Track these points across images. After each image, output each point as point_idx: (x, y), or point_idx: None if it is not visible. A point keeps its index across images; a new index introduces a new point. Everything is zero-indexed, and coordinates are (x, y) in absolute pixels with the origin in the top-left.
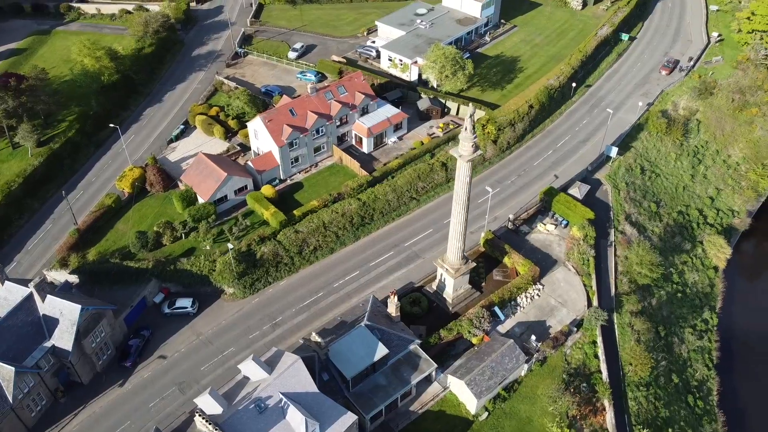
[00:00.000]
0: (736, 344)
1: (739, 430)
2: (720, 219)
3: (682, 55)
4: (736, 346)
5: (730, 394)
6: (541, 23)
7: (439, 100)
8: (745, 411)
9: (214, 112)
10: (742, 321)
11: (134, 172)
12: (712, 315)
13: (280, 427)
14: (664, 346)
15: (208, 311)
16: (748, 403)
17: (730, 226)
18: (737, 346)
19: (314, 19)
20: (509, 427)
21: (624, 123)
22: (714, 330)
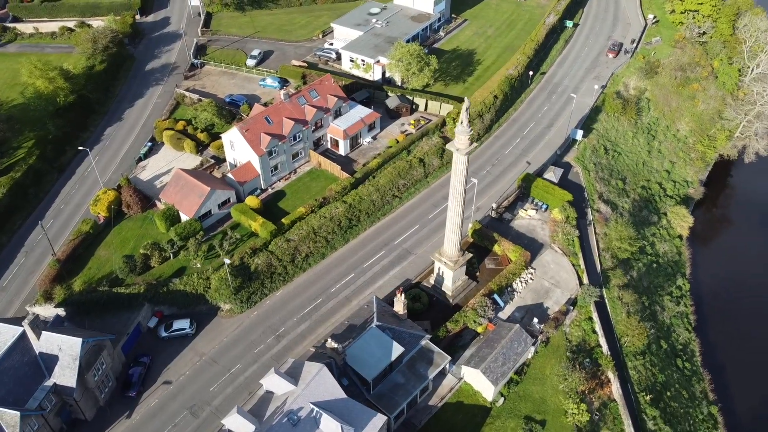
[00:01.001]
0: (707, 306)
1: (722, 385)
2: (677, 190)
3: (624, 38)
4: (708, 308)
5: (710, 353)
6: (489, 15)
7: (407, 97)
8: (725, 366)
9: (181, 126)
10: (709, 284)
11: (109, 195)
12: (684, 281)
13: None
14: (650, 315)
15: (206, 330)
16: (726, 359)
17: (687, 195)
18: (709, 308)
19: (267, 25)
20: (525, 409)
21: (583, 106)
22: (687, 295)
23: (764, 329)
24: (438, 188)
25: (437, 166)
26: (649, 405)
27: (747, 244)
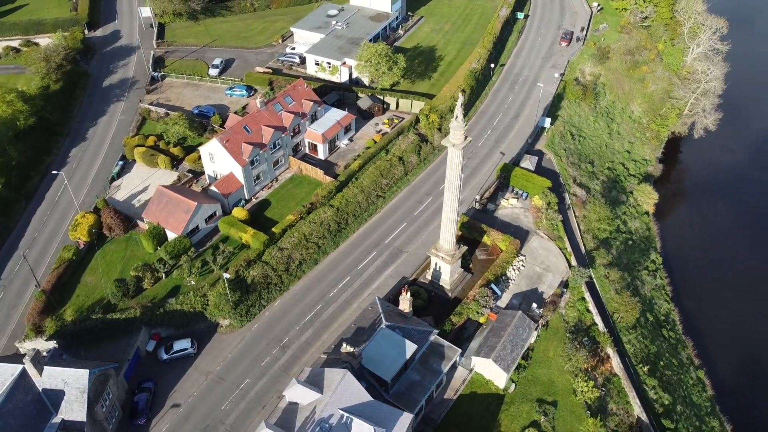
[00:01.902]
0: (680, 276)
1: (703, 350)
2: (638, 169)
3: (573, 27)
4: (680, 278)
5: (688, 321)
6: (444, 11)
7: (377, 97)
8: (703, 331)
9: (151, 141)
10: (678, 255)
11: (88, 219)
12: (657, 255)
13: None
14: (633, 290)
15: (208, 348)
16: (703, 324)
17: (648, 173)
18: (681, 278)
19: (223, 33)
20: (536, 392)
21: (545, 94)
22: (662, 268)
23: (731, 291)
24: (419, 185)
25: (416, 164)
26: (648, 375)
27: (705, 213)
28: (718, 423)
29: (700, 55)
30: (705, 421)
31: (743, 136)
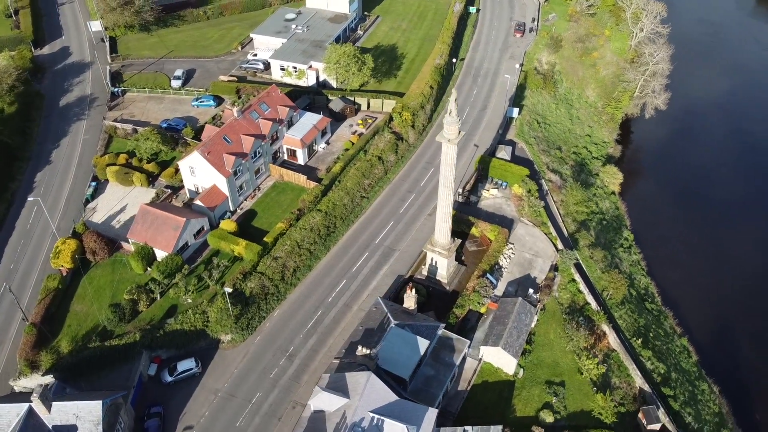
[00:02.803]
0: (651, 250)
1: (683, 318)
2: (600, 151)
3: (524, 18)
4: (651, 252)
5: (665, 292)
6: (398, 9)
7: (348, 98)
8: (680, 300)
9: (123, 159)
10: (646, 230)
11: (70, 245)
12: (628, 233)
13: None
14: (614, 268)
15: (212, 366)
16: (678, 294)
17: (609, 155)
18: (652, 252)
19: (179, 43)
20: (544, 375)
21: (508, 85)
22: (634, 244)
23: (698, 259)
24: (399, 183)
25: (394, 162)
26: (642, 347)
27: (664, 187)
28: (707, 386)
29: (643, 39)
30: (696, 386)
31: (689, 112)
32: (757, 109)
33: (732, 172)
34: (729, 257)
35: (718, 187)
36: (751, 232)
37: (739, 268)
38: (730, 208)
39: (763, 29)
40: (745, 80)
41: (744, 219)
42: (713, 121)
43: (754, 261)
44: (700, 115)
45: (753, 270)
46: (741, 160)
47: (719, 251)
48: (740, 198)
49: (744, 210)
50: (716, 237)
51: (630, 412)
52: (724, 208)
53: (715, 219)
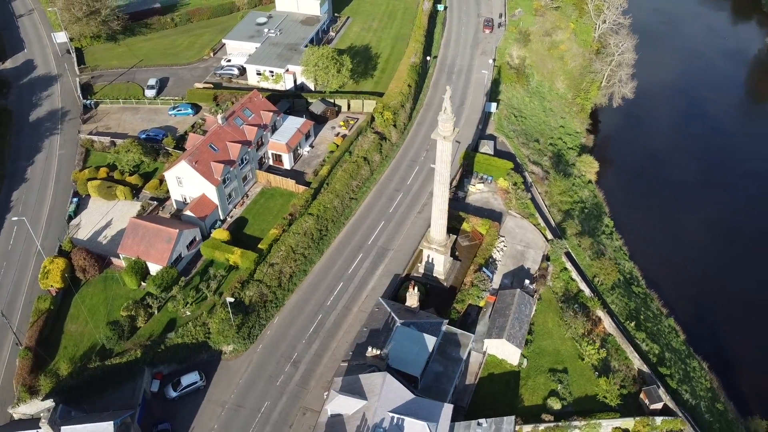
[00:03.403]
0: (631, 236)
1: (666, 298)
2: (574, 142)
3: (492, 14)
4: (632, 238)
5: (648, 275)
6: (368, 9)
7: (328, 100)
8: (662, 284)
9: (104, 173)
10: (624, 216)
11: (58, 264)
12: (609, 220)
13: None
14: (600, 254)
15: (216, 378)
16: (659, 277)
17: (582, 144)
18: (632, 237)
19: (148, 52)
20: (547, 363)
21: (482, 80)
22: (615, 231)
23: (673, 240)
24: (385, 183)
25: (379, 162)
26: (635, 330)
27: (635, 173)
28: (697, 363)
29: (606, 30)
30: (687, 363)
31: (653, 99)
32: (715, 92)
33: (695, 153)
34: (702, 236)
35: (684, 169)
36: (717, 209)
37: (711, 246)
38: (699, 188)
39: (715, 17)
40: (703, 66)
41: (711, 197)
42: (676, 106)
43: (723, 238)
44: (664, 102)
45: (724, 247)
46: (702, 141)
47: (692, 231)
48: (706, 177)
49: (711, 188)
50: (688, 217)
51: (632, 394)
52: (693, 188)
53: (684, 200)
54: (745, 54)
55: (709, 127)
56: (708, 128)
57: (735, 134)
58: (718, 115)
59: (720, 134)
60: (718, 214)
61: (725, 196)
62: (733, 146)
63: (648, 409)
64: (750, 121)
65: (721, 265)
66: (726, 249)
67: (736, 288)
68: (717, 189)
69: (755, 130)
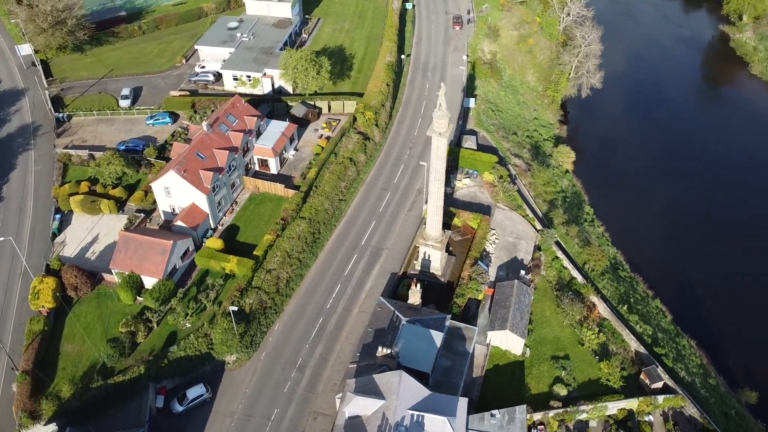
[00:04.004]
0: (611, 222)
1: (651, 280)
2: (549, 133)
3: (460, 10)
4: (612, 224)
5: (630, 259)
6: (337, 10)
7: (308, 103)
8: (644, 267)
9: (85, 187)
10: (603, 205)
11: (48, 283)
12: (589, 207)
13: None
14: (587, 242)
15: (222, 389)
16: (641, 260)
17: (556, 135)
18: (613, 223)
19: (117, 61)
20: (549, 351)
21: (458, 77)
22: (595, 218)
23: (650, 222)
24: (372, 182)
25: (364, 162)
26: (628, 313)
27: (607, 161)
28: (686, 341)
29: (570, 22)
30: (677, 342)
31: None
32: (676, 78)
33: (661, 138)
34: (675, 217)
35: (652, 155)
36: (685, 190)
37: (685, 227)
38: (667, 171)
39: (669, 7)
40: (662, 53)
41: (678, 179)
42: (640, 93)
43: (694, 218)
44: (629, 90)
45: (696, 227)
46: (667, 126)
47: (665, 213)
48: (673, 160)
49: (679, 170)
50: (660, 200)
51: (632, 375)
52: (662, 172)
53: (655, 184)
54: (699, 41)
55: (673, 112)
56: (671, 113)
57: (697, 118)
58: (680, 100)
59: (683, 118)
60: (687, 195)
61: (691, 177)
62: (695, 129)
63: (649, 388)
64: (708, 105)
65: (696, 245)
66: (698, 228)
67: (714, 266)
68: (684, 171)
69: (714, 112)
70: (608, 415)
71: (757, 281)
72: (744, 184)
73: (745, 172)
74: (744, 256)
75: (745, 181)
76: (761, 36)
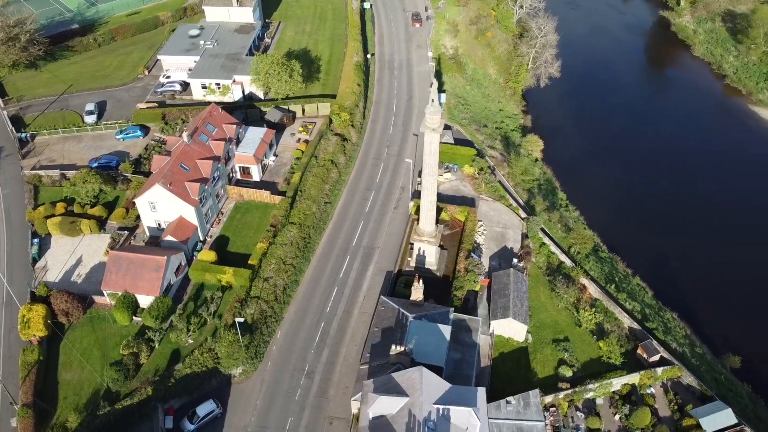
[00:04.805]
0: (583, 206)
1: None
2: (514, 123)
3: (417, 7)
4: (585, 207)
5: (607, 240)
6: (297, 13)
7: (282, 107)
8: (620, 247)
9: (62, 208)
10: (574, 189)
11: (38, 311)
12: (562, 193)
13: (458, 430)
14: (567, 226)
15: (232, 403)
16: (616, 240)
17: (522, 125)
18: (585, 207)
19: (76, 76)
20: (549, 334)
21: (425, 73)
22: (568, 203)
23: (618, 202)
24: (354, 183)
25: (344, 163)
26: (617, 292)
27: (570, 145)
28: (669, 314)
29: (524, 14)
30: (662, 316)
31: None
32: (625, 63)
33: (616, 121)
34: (640, 195)
35: (610, 138)
36: (645, 167)
37: (651, 203)
38: (626, 150)
39: None
40: (610, 40)
41: (637, 157)
42: (594, 79)
43: (655, 195)
44: (583, 76)
45: (658, 204)
46: (621, 110)
47: (631, 192)
48: (629, 142)
49: (635, 148)
50: (623, 181)
51: (628, 351)
52: (621, 153)
53: (617, 165)
54: (643, 27)
55: (627, 95)
56: (625, 97)
57: (649, 100)
58: (632, 84)
59: (636, 101)
60: (646, 173)
61: (649, 156)
62: (649, 110)
63: (647, 362)
64: (658, 86)
65: (662, 220)
66: (662, 205)
67: (682, 239)
68: (642, 151)
69: (664, 93)
70: (613, 392)
71: (723, 249)
72: (695, 158)
73: (696, 148)
74: (702, 226)
75: (696, 155)
76: (699, 19)
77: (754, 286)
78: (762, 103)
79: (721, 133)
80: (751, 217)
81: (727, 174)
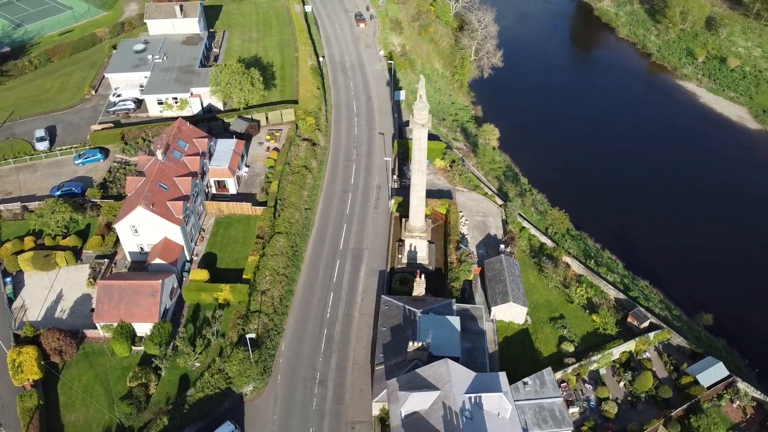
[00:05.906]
0: (544, 188)
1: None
2: (467, 114)
3: (358, 8)
4: (544, 189)
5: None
6: (240, 21)
7: (245, 117)
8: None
9: (31, 242)
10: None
11: (29, 353)
12: (524, 178)
13: (491, 416)
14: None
15: (248, 423)
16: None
17: (474, 115)
18: (546, 189)
19: (16, 102)
20: (545, 314)
21: (379, 73)
22: (531, 186)
23: (575, 178)
24: (329, 187)
25: (317, 168)
26: (597, 266)
27: (521, 129)
28: (643, 283)
29: (461, 8)
30: (637, 284)
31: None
32: (555, 47)
33: (558, 99)
34: (592, 170)
35: (555, 116)
36: (594, 143)
37: (602, 176)
38: (570, 129)
39: None
40: (540, 26)
41: (579, 134)
42: (532, 63)
43: (607, 167)
44: (521, 62)
45: (612, 176)
46: (559, 89)
47: (582, 168)
48: (575, 120)
49: (576, 126)
50: (577, 157)
51: (619, 320)
52: (568, 132)
53: (568, 144)
54: (567, 12)
55: (561, 78)
56: (560, 77)
57: (581, 80)
58: (566, 66)
59: (570, 83)
60: (594, 147)
61: (588, 131)
62: (582, 92)
63: (638, 329)
64: (589, 67)
65: (621, 193)
66: (614, 177)
67: (643, 209)
68: (581, 127)
69: (593, 73)
70: (613, 360)
71: (678, 213)
72: (632, 131)
73: (630, 121)
74: (646, 193)
75: (632, 129)
76: (618, 2)
77: (708, 247)
78: (686, 77)
79: (653, 106)
80: (690, 181)
81: (662, 143)
